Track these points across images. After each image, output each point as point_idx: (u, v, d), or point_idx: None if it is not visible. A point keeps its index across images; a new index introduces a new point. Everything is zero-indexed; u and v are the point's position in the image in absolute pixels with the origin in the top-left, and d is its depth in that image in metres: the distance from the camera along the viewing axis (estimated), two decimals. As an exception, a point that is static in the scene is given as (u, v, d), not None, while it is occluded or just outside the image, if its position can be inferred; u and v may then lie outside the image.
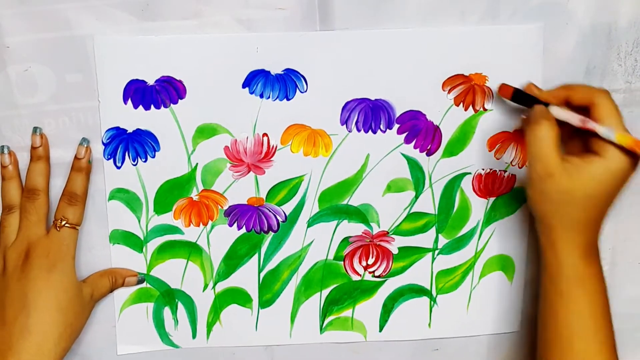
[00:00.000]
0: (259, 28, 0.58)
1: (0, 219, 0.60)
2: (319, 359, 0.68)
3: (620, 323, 0.68)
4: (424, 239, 0.65)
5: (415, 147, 0.62)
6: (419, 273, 0.66)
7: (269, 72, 0.59)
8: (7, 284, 0.57)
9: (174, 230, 0.63)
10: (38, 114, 0.59)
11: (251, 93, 0.60)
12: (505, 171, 0.64)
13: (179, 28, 0.58)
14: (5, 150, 0.59)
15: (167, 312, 0.65)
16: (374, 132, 0.62)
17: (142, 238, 0.63)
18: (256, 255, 0.64)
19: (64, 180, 0.60)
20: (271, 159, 0.62)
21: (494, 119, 0.62)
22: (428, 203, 0.64)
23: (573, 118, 0.55)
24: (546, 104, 0.56)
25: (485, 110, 0.62)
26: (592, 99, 0.55)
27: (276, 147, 0.61)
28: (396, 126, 0.62)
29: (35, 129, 0.59)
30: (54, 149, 0.60)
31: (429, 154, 0.63)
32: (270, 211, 0.63)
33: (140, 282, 0.64)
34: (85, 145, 0.59)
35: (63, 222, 0.59)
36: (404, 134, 0.62)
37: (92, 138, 0.60)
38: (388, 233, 0.65)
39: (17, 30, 0.57)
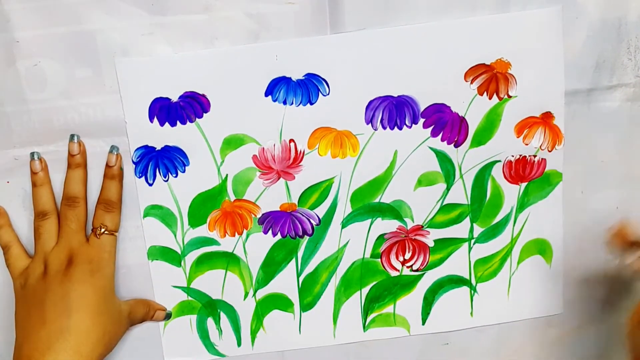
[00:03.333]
0: (268, 22, 0.58)
1: (36, 224, 0.60)
2: (329, 354, 0.68)
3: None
4: (459, 230, 0.65)
5: (442, 140, 0.62)
6: (457, 263, 0.66)
7: (290, 78, 0.59)
8: (49, 286, 0.57)
9: (210, 242, 0.64)
10: (47, 109, 0.59)
11: (274, 100, 0.60)
12: (535, 156, 0.63)
13: (189, 23, 0.57)
14: (36, 157, 0.60)
15: (210, 322, 0.66)
16: (400, 129, 0.61)
17: (180, 252, 0.64)
18: (293, 260, 0.65)
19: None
20: (300, 164, 0.62)
21: (519, 105, 0.62)
22: (460, 194, 0.64)
23: None
24: None
25: (509, 97, 0.61)
26: None
27: (304, 151, 0.62)
28: (421, 120, 0.61)
29: (72, 137, 0.59)
30: (63, 143, 0.60)
31: (456, 146, 0.62)
32: (303, 215, 0.63)
33: (167, 317, 0.65)
34: (115, 153, 0.60)
35: (102, 230, 0.60)
36: (430, 128, 0.62)
37: (101, 134, 0.60)
38: (423, 227, 0.65)
39: (26, 25, 0.56)
